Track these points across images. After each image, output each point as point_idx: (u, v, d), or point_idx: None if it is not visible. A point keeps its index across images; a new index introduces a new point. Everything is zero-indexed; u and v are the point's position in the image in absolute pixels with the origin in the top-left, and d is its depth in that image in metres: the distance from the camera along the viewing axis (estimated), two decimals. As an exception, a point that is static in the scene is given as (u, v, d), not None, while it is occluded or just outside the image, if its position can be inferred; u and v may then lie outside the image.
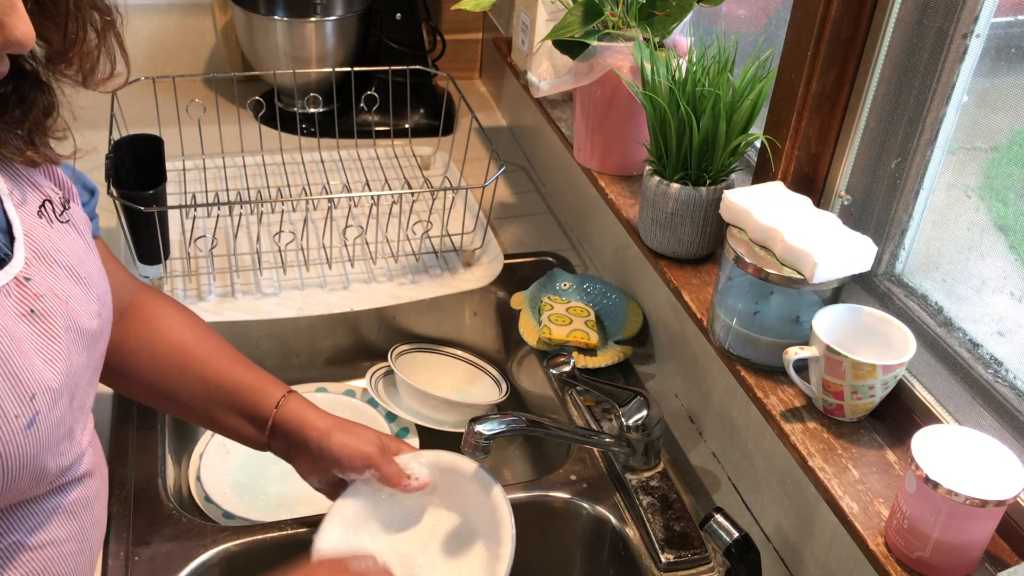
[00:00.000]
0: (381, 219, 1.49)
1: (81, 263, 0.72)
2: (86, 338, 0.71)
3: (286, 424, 0.93)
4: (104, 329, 0.75)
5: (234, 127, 1.65)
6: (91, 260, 0.75)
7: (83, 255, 0.73)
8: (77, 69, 0.65)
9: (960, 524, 0.76)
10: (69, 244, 0.72)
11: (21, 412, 0.62)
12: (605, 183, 1.35)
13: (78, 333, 0.70)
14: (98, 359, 0.75)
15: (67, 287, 0.70)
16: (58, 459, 0.68)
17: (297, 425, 0.93)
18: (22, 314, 0.65)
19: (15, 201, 0.68)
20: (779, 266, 0.96)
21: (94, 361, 0.74)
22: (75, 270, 0.71)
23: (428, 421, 1.29)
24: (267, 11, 1.87)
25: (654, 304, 1.30)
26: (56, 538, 0.71)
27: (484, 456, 0.94)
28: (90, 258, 0.75)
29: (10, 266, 0.65)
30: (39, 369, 0.65)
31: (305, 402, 0.95)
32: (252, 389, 0.94)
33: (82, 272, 0.72)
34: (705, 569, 1.01)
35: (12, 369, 0.62)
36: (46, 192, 0.72)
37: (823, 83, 1.04)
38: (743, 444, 1.09)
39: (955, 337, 0.96)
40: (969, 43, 0.92)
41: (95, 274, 0.74)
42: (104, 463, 0.81)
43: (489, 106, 2.01)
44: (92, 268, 0.74)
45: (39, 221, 0.70)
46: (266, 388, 0.95)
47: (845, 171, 1.07)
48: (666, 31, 1.26)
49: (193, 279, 1.37)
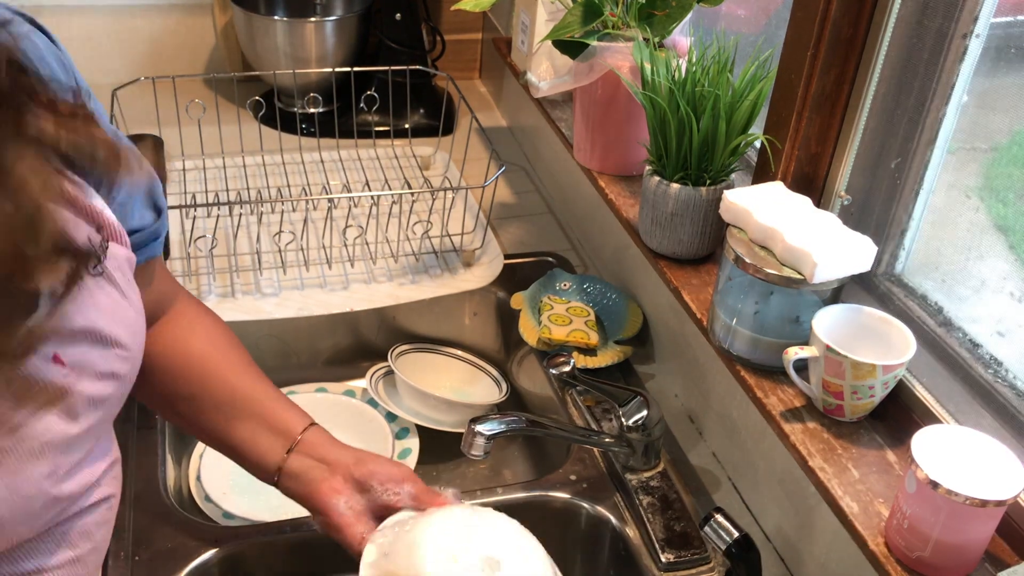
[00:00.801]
0: (381, 219, 1.49)
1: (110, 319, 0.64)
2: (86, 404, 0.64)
3: (315, 441, 0.87)
4: (130, 371, 0.68)
5: (234, 127, 1.65)
6: (122, 309, 0.66)
7: (112, 308, 0.65)
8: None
9: (960, 524, 0.76)
10: (95, 302, 0.63)
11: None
12: (605, 183, 1.36)
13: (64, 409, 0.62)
14: (115, 405, 0.69)
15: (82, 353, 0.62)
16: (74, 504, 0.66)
17: (328, 444, 0.87)
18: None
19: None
20: (779, 266, 0.96)
21: (108, 413, 0.68)
22: (94, 332, 0.63)
23: (428, 421, 1.29)
24: (267, 11, 1.87)
25: (654, 304, 1.30)
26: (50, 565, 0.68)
27: (484, 456, 0.94)
28: (122, 307, 0.66)
29: None
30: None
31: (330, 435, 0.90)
32: (282, 405, 0.89)
33: (107, 330, 0.64)
34: (705, 569, 1.01)
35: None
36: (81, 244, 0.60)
37: (823, 83, 1.04)
38: (743, 444, 1.09)
39: (955, 337, 0.96)
40: (969, 43, 0.92)
41: (123, 324, 0.66)
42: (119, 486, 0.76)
43: (489, 106, 2.01)
44: (121, 319, 0.66)
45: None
46: (295, 409, 0.90)
47: (845, 171, 1.07)
48: (666, 31, 1.26)
49: (193, 279, 1.37)
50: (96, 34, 1.90)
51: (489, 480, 1.31)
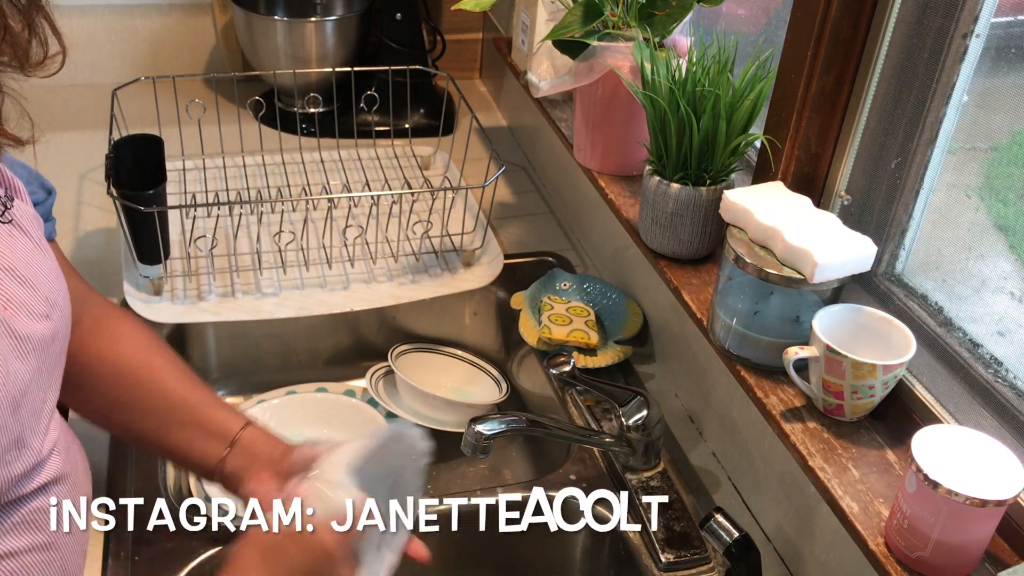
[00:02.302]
0: (381, 219, 1.49)
1: (25, 264, 0.69)
2: (27, 343, 0.67)
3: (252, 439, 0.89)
4: (58, 331, 0.72)
5: (234, 127, 1.65)
6: (39, 260, 0.71)
7: (27, 255, 0.70)
8: (11, 57, 0.62)
9: (960, 524, 0.76)
10: (9, 245, 0.69)
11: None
12: (605, 183, 1.35)
13: (14, 339, 0.66)
14: (52, 363, 0.72)
15: (10, 291, 0.67)
16: (5, 469, 0.65)
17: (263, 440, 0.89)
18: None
19: None
20: (779, 266, 0.96)
21: (47, 365, 0.71)
22: (15, 271, 0.68)
23: (428, 421, 1.29)
24: (267, 11, 1.87)
25: (654, 304, 1.30)
26: (17, 548, 0.68)
27: (484, 456, 0.94)
28: (37, 258, 0.71)
29: None
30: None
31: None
32: (216, 407, 0.91)
33: (26, 273, 0.69)
34: (705, 569, 1.01)
35: None
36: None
37: (823, 83, 1.04)
38: (743, 444, 1.09)
39: (955, 337, 0.96)
40: (969, 43, 0.92)
41: (43, 274, 0.71)
42: (83, 468, 0.77)
43: (489, 106, 2.01)
44: (39, 268, 0.71)
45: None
46: (229, 409, 0.91)
47: (845, 171, 1.07)
48: (666, 31, 1.26)
49: (193, 279, 1.37)
50: (96, 34, 1.90)
51: (489, 480, 1.31)
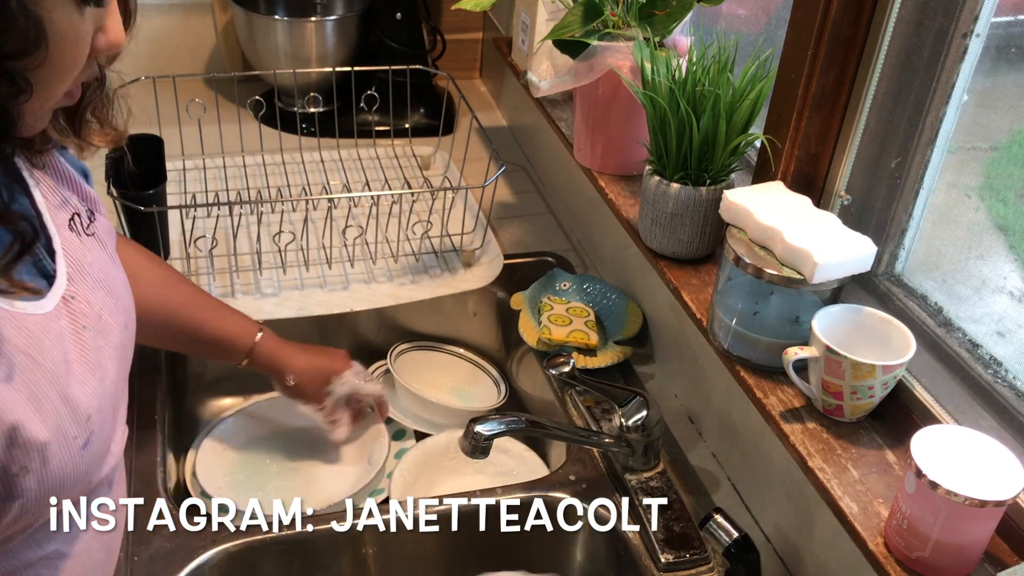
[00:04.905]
0: (381, 219, 1.49)
1: (108, 276, 0.72)
2: (120, 351, 0.71)
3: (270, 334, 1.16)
4: (131, 340, 0.75)
5: (234, 127, 1.65)
6: (116, 272, 0.74)
7: (108, 268, 0.72)
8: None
9: (960, 524, 0.76)
10: (97, 257, 0.71)
11: (79, 433, 0.62)
12: (605, 183, 1.35)
13: (114, 348, 0.69)
14: (127, 369, 0.75)
15: (102, 301, 0.69)
16: (99, 472, 0.68)
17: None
18: (75, 334, 0.64)
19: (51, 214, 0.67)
20: (779, 266, 0.96)
21: (124, 371, 0.74)
22: (105, 283, 0.70)
23: (425, 425, 1.29)
24: (267, 11, 1.87)
25: (654, 304, 1.30)
26: (88, 548, 0.71)
27: (483, 457, 0.94)
28: (115, 271, 0.74)
29: (57, 284, 0.64)
30: (91, 388, 0.64)
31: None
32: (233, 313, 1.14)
33: (110, 285, 0.71)
34: (705, 569, 1.01)
35: (70, 393, 0.62)
36: (74, 205, 0.71)
37: (823, 83, 1.04)
38: (743, 444, 1.09)
39: (955, 337, 0.96)
40: (969, 43, 0.92)
41: (120, 286, 0.74)
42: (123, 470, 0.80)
43: (489, 106, 2.01)
44: (117, 280, 0.73)
45: (70, 235, 0.68)
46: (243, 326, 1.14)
47: (845, 171, 1.07)
48: (666, 31, 1.26)
49: (193, 279, 1.37)
50: (96, 34, 1.90)
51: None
